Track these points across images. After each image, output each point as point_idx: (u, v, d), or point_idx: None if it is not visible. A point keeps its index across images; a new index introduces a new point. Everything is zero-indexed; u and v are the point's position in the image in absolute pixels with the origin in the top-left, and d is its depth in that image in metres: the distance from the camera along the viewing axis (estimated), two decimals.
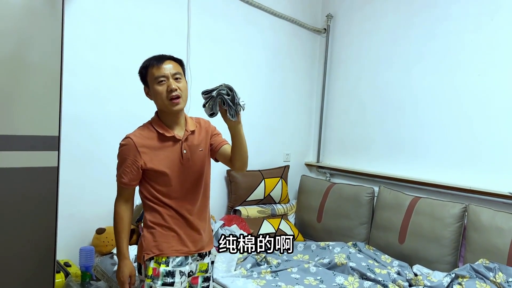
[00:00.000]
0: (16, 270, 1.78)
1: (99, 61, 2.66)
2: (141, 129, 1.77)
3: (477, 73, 2.81)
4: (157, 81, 1.68)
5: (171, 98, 1.67)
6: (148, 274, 1.68)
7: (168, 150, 1.73)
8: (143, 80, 1.75)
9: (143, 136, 1.72)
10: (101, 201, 2.76)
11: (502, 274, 2.25)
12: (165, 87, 1.67)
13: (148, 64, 1.72)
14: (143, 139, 1.71)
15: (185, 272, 1.72)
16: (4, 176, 1.72)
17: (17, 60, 1.72)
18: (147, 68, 1.71)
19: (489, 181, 2.71)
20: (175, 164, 1.72)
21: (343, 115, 3.72)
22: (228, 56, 3.30)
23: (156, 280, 1.66)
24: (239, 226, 3.02)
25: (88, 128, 2.66)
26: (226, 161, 1.85)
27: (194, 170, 1.77)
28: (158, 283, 1.66)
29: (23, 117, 1.76)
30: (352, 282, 2.37)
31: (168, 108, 1.69)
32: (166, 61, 1.71)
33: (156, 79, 1.68)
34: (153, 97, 1.73)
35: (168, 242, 1.70)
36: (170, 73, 1.68)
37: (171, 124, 1.76)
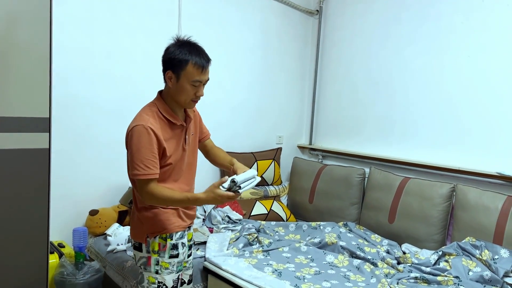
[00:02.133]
0: (9, 251, 1.79)
1: (89, 42, 2.65)
2: (152, 117, 1.70)
3: (467, 55, 2.83)
4: (192, 82, 1.68)
5: (194, 100, 1.73)
6: (155, 250, 1.77)
7: (176, 138, 1.78)
8: (175, 66, 1.67)
9: (158, 127, 1.68)
10: (94, 183, 2.78)
11: (488, 252, 2.31)
12: (195, 90, 1.70)
13: (190, 60, 1.65)
14: (159, 131, 1.68)
15: (185, 243, 1.86)
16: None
17: (5, 40, 1.70)
18: (188, 63, 1.65)
19: (477, 162, 2.76)
20: (178, 150, 1.79)
21: (336, 98, 3.74)
22: (220, 38, 3.29)
23: (163, 254, 1.77)
24: (231, 207, 3.06)
25: (79, 110, 2.65)
26: (204, 153, 2.07)
27: (190, 154, 1.88)
28: (165, 256, 1.78)
29: (13, 99, 1.75)
30: (342, 260, 2.42)
31: (185, 105, 1.75)
32: (209, 67, 1.71)
33: (193, 81, 1.68)
34: (176, 89, 1.70)
35: (169, 220, 1.79)
36: (206, 80, 1.72)
37: (176, 110, 1.80)
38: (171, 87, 1.72)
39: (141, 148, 1.62)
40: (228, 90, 3.39)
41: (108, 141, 2.80)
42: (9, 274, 1.80)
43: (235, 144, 3.49)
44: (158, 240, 1.77)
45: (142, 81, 2.90)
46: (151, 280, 1.78)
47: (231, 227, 2.83)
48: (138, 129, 1.64)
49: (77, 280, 2.22)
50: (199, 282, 2.35)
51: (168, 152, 1.72)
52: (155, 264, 1.77)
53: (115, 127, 2.82)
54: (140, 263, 1.82)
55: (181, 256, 1.84)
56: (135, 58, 2.86)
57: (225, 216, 2.94)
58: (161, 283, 1.77)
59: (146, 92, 2.89)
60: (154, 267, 1.77)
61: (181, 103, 1.74)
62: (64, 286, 2.23)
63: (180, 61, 1.65)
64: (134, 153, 1.63)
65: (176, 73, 1.67)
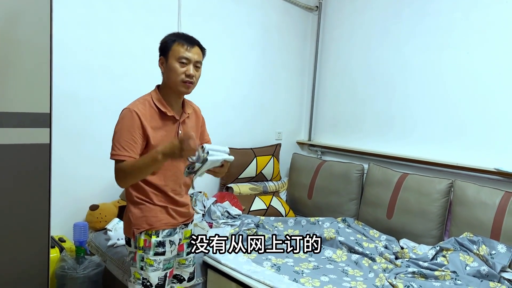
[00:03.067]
0: (11, 245, 1.81)
1: (89, 38, 2.66)
2: (141, 103, 1.72)
3: (466, 51, 2.84)
4: (179, 60, 1.69)
5: (185, 81, 1.70)
6: (140, 246, 1.74)
7: (166, 129, 1.75)
8: (163, 51, 1.74)
9: (145, 113, 1.69)
10: (94, 178, 2.79)
11: (486, 247, 2.33)
12: (183, 69, 1.70)
13: (176, 40, 1.71)
14: (146, 117, 1.69)
15: (174, 241, 1.81)
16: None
17: (5, 36, 1.71)
18: (174, 42, 1.71)
19: (475, 158, 2.77)
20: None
21: (335, 94, 3.75)
22: (219, 34, 3.30)
23: (148, 250, 1.74)
24: (231, 203, 3.07)
25: (79, 105, 2.67)
26: None
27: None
28: (150, 253, 1.74)
29: (13, 94, 1.77)
30: (341, 255, 2.44)
31: (178, 88, 1.72)
32: (196, 46, 1.73)
33: (179, 58, 1.69)
34: (167, 71, 1.73)
35: (156, 217, 1.76)
36: (194, 59, 1.71)
37: (171, 102, 1.78)
38: (164, 72, 1.75)
39: (122, 129, 1.65)
40: (227, 86, 3.40)
41: (108, 136, 2.75)
42: (10, 268, 1.82)
43: (235, 140, 3.50)
44: (144, 236, 1.75)
45: (142, 77, 2.91)
46: (136, 276, 1.77)
47: (230, 222, 2.85)
48: (124, 112, 1.68)
49: (77, 274, 2.24)
50: (198, 276, 2.37)
51: (152, 141, 1.69)
52: (140, 260, 1.75)
53: (115, 121, 2.81)
54: (129, 258, 1.82)
55: (168, 254, 1.79)
56: (135, 54, 2.87)
57: (225, 211, 2.95)
58: (145, 280, 1.75)
59: (146, 88, 2.89)
60: (139, 263, 1.75)
61: (172, 86, 1.73)
62: (65, 280, 2.25)
63: (166, 43, 1.73)
64: (115, 134, 1.68)
65: (165, 56, 1.72)
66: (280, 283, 2.03)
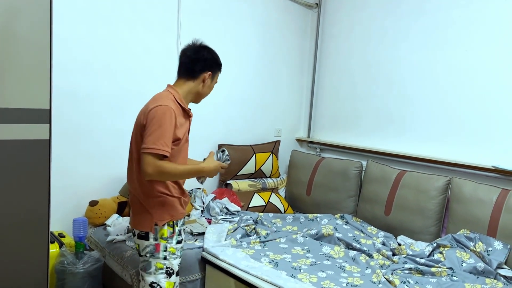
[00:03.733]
0: (10, 241, 1.82)
1: (89, 34, 2.66)
2: (172, 102, 1.83)
3: (464, 49, 2.84)
4: (216, 81, 1.99)
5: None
6: (164, 236, 1.84)
7: (185, 127, 1.90)
8: (213, 69, 1.92)
9: (177, 112, 1.81)
10: (93, 174, 2.81)
11: (482, 244, 2.34)
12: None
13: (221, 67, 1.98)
14: (178, 115, 1.81)
15: (185, 230, 1.99)
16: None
17: (5, 31, 1.72)
18: (220, 68, 1.97)
19: (473, 155, 2.79)
20: (184, 139, 1.90)
21: (334, 91, 3.76)
22: (219, 31, 3.30)
23: (171, 240, 1.86)
24: (230, 199, 3.09)
25: (79, 102, 2.68)
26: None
27: (187, 146, 1.97)
28: (173, 242, 1.87)
29: (13, 90, 1.77)
30: (338, 252, 2.46)
31: (199, 100, 1.99)
32: None
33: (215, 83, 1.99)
34: (206, 86, 1.93)
35: (176, 208, 1.88)
36: None
37: (188, 104, 1.95)
38: (203, 85, 1.91)
39: (163, 125, 1.72)
40: (226, 83, 3.39)
41: (108, 132, 2.83)
42: (10, 263, 1.83)
43: (234, 137, 3.51)
44: (167, 227, 1.84)
45: (141, 73, 2.93)
46: (159, 266, 1.84)
47: (229, 218, 2.87)
48: (163, 108, 1.74)
49: (77, 269, 2.25)
50: (197, 272, 2.39)
51: (179, 135, 1.81)
52: (164, 251, 1.84)
53: (114, 118, 2.84)
54: (146, 251, 1.85)
55: (183, 242, 1.95)
56: (135, 50, 2.88)
57: (224, 207, 2.97)
58: (169, 268, 1.85)
59: (146, 84, 2.94)
60: (162, 253, 1.84)
61: (199, 97, 1.95)
62: (65, 275, 2.27)
63: (219, 65, 1.95)
64: (156, 129, 1.71)
65: (214, 74, 1.93)
66: (277, 278, 2.04)
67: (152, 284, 1.84)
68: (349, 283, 2.06)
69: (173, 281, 1.87)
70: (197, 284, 2.38)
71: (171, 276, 1.86)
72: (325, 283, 2.04)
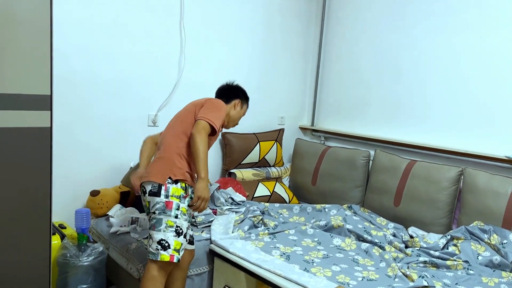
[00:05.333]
0: (11, 232, 1.73)
1: (88, 17, 2.55)
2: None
3: (479, 35, 2.76)
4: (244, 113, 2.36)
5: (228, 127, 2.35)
6: (176, 195, 1.93)
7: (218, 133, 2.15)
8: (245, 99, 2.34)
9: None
10: (94, 162, 2.71)
11: (497, 236, 2.29)
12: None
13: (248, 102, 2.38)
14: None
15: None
16: None
17: (4, 16, 1.61)
18: (248, 102, 2.37)
19: (485, 145, 2.72)
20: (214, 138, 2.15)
21: (339, 77, 3.66)
22: (221, 14, 3.18)
23: (183, 200, 1.95)
24: (234, 189, 3.01)
25: (78, 87, 2.57)
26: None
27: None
28: (185, 203, 1.96)
29: (12, 75, 1.67)
30: (350, 244, 2.40)
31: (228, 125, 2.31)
32: None
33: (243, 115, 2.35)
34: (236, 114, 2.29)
35: (191, 175, 2.02)
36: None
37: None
38: (234, 110, 2.28)
39: (221, 112, 2.08)
40: (229, 69, 3.29)
41: (108, 119, 2.72)
42: (11, 255, 1.74)
43: None
44: (180, 186, 1.95)
45: (142, 58, 2.81)
46: (169, 224, 1.88)
47: (235, 208, 2.79)
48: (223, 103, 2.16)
49: (80, 262, 2.17)
50: (205, 264, 2.32)
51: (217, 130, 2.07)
52: (176, 209, 1.90)
53: (115, 105, 2.74)
54: (155, 208, 1.91)
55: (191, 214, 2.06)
56: (136, 34, 2.76)
57: (229, 197, 2.88)
58: (178, 227, 1.90)
59: (147, 69, 2.83)
60: (174, 211, 1.90)
61: (229, 123, 2.28)
62: (67, 268, 2.18)
63: (247, 99, 2.36)
64: (216, 111, 2.05)
65: (242, 104, 2.31)
66: (291, 272, 1.97)
67: (161, 241, 1.87)
68: (365, 277, 2.00)
69: (180, 241, 1.90)
70: (204, 277, 2.31)
71: (179, 236, 1.90)
72: (340, 277, 1.97)
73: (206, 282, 2.32)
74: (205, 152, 1.92)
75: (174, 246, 1.87)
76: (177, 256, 1.88)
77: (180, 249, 1.90)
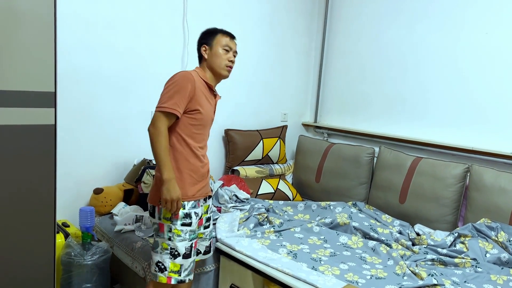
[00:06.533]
0: (15, 231, 1.70)
1: (92, 12, 2.50)
2: (195, 74, 1.90)
3: (485, 31, 2.73)
4: (223, 47, 1.96)
5: (228, 66, 1.98)
6: (166, 217, 1.83)
7: (209, 101, 1.96)
8: (207, 40, 1.98)
9: (198, 81, 1.88)
10: (97, 160, 2.68)
11: (504, 233, 2.27)
12: (227, 56, 1.97)
13: (220, 31, 2.00)
14: (198, 81, 1.88)
15: (198, 213, 1.92)
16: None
17: (8, 11, 1.58)
18: (217, 33, 1.99)
19: (491, 141, 2.70)
20: (209, 117, 1.96)
21: (342, 74, 3.63)
22: (226, 12, 3.14)
23: (175, 221, 1.83)
24: (238, 186, 2.98)
25: (81, 83, 2.54)
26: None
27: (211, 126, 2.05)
28: (177, 224, 1.84)
29: (17, 71, 1.64)
30: (356, 242, 2.38)
31: (221, 71, 1.97)
32: (235, 39, 2.06)
33: (224, 45, 1.97)
34: (211, 56, 1.96)
35: (183, 189, 1.85)
36: (234, 48, 2.03)
37: (212, 83, 2.00)
38: (207, 58, 1.96)
39: (176, 86, 1.80)
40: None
41: (112, 116, 2.69)
42: (15, 254, 1.72)
43: (239, 121, 3.38)
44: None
45: (146, 53, 2.78)
46: (164, 246, 1.84)
47: (239, 206, 2.76)
48: (183, 73, 1.85)
49: (85, 261, 2.14)
50: (210, 263, 2.30)
51: (200, 106, 1.86)
52: (168, 231, 1.83)
53: (119, 101, 2.71)
54: (153, 229, 1.90)
55: (194, 225, 1.88)
56: (139, 29, 2.73)
57: (233, 195, 2.86)
58: (173, 249, 1.83)
59: (150, 65, 2.80)
60: (167, 234, 1.83)
61: (216, 69, 1.95)
62: (72, 267, 2.16)
63: (211, 33, 2.00)
64: (169, 88, 1.81)
65: (209, 44, 1.97)
66: (299, 271, 1.95)
67: (158, 263, 1.85)
68: (373, 276, 1.98)
69: (178, 263, 1.84)
70: (210, 275, 2.29)
71: (176, 258, 1.83)
72: (349, 276, 1.96)
73: (212, 281, 2.30)
74: (161, 148, 1.76)
75: (171, 268, 1.82)
76: (175, 277, 1.83)
77: (180, 270, 1.84)
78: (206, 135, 1.97)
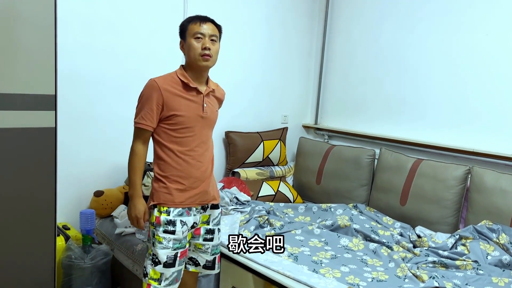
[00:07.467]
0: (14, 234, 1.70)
1: (92, 15, 2.51)
2: (165, 76, 1.83)
3: (485, 33, 2.73)
4: (194, 36, 1.78)
5: (203, 55, 1.78)
6: (151, 221, 1.81)
7: (191, 100, 1.82)
8: (181, 33, 1.85)
9: (167, 81, 1.80)
10: (98, 163, 2.68)
11: (506, 236, 2.27)
12: (200, 44, 1.78)
13: (190, 20, 1.82)
14: (167, 84, 1.78)
15: (187, 222, 1.82)
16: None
17: (8, 15, 1.58)
18: (189, 23, 1.81)
19: (492, 143, 2.70)
20: (196, 116, 1.82)
21: (343, 76, 3.63)
22: (226, 14, 3.14)
23: (158, 227, 1.78)
24: (239, 188, 2.98)
25: (81, 86, 2.54)
26: None
27: (209, 126, 1.92)
28: (159, 230, 1.77)
29: (17, 74, 1.64)
30: (357, 244, 2.37)
31: (198, 62, 1.79)
32: (208, 22, 1.82)
33: (194, 34, 1.78)
34: (186, 50, 1.82)
35: (170, 194, 1.79)
36: (207, 33, 1.80)
37: (195, 79, 1.85)
38: (185, 53, 1.84)
39: (142, 98, 1.79)
40: (231, 67, 3.25)
41: (112, 119, 2.69)
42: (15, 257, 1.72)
43: (239, 123, 3.38)
44: (156, 212, 1.79)
45: (146, 57, 2.78)
46: (149, 251, 1.82)
47: (240, 208, 2.76)
48: (148, 83, 1.80)
49: (85, 264, 2.15)
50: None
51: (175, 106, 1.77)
52: (152, 236, 1.80)
53: (119, 104, 2.70)
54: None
55: (179, 234, 1.79)
56: (139, 32, 2.73)
57: (233, 197, 2.86)
58: (154, 256, 1.78)
59: (151, 68, 2.77)
60: (152, 239, 1.80)
61: (193, 61, 1.80)
62: (72, 270, 2.16)
63: (183, 25, 1.85)
64: (138, 102, 1.82)
65: (183, 37, 1.84)
66: (300, 274, 1.95)
67: (144, 267, 1.84)
68: (374, 278, 1.98)
69: (159, 271, 1.78)
70: (211, 278, 2.28)
71: (156, 265, 1.78)
72: (350, 278, 1.95)
73: (213, 284, 2.30)
74: (130, 166, 1.79)
75: (151, 275, 1.78)
76: (154, 285, 1.77)
77: (161, 279, 1.78)
78: (196, 136, 1.83)
